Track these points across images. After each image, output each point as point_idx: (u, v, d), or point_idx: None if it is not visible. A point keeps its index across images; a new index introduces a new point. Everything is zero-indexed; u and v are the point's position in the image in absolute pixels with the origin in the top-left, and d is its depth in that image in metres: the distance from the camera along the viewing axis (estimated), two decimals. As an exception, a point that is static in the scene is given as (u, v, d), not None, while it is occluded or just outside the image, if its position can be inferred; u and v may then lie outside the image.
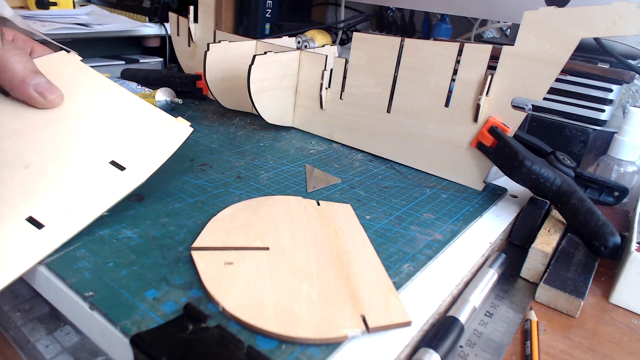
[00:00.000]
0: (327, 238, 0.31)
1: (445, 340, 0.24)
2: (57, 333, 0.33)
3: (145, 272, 0.26)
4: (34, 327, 0.33)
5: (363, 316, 0.24)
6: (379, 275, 0.28)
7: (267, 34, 0.87)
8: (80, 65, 0.39)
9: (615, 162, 0.46)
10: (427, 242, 0.33)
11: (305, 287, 0.26)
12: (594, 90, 0.51)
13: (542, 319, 0.30)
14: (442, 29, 0.86)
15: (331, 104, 0.52)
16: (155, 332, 0.21)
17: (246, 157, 0.45)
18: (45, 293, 0.27)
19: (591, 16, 0.35)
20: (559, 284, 0.31)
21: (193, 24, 0.68)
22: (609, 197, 0.43)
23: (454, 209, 0.39)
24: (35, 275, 0.27)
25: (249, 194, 0.37)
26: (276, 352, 0.22)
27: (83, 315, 0.24)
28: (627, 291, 0.32)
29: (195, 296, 0.25)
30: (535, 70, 0.38)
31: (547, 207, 0.40)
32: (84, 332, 0.25)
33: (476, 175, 0.44)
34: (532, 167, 0.37)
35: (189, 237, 0.30)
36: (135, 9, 0.82)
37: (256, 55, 0.48)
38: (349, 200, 0.38)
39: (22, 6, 0.75)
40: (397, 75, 0.46)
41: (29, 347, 0.32)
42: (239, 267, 0.26)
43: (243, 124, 0.56)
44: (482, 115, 0.42)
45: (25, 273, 0.26)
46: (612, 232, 0.33)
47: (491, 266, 0.32)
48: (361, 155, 0.50)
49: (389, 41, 0.46)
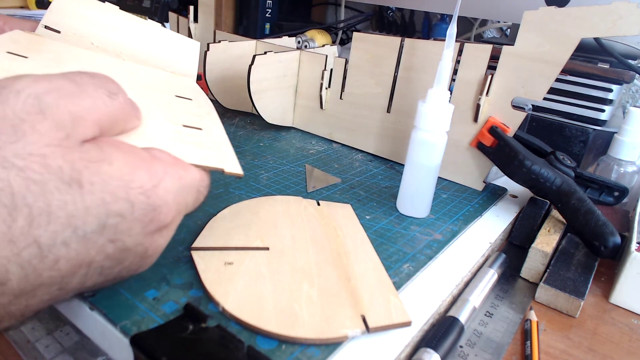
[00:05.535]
0: (327, 238, 0.31)
1: (445, 340, 0.24)
2: (57, 333, 0.33)
3: (145, 272, 0.26)
4: (34, 327, 0.33)
5: (363, 316, 0.24)
6: (379, 275, 0.28)
7: (267, 34, 0.87)
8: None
9: (615, 162, 0.46)
10: (427, 242, 0.33)
11: (305, 287, 0.26)
12: (594, 90, 0.51)
13: (542, 319, 0.30)
14: (442, 29, 0.86)
15: (331, 104, 0.52)
16: (155, 332, 0.21)
17: (246, 157, 0.45)
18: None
19: (591, 16, 0.35)
20: (559, 284, 0.31)
21: (193, 24, 0.68)
22: (609, 197, 0.42)
23: (454, 209, 0.39)
24: (35, 275, 0.27)
25: (249, 194, 0.37)
26: (276, 352, 0.22)
27: (83, 315, 0.24)
28: (627, 291, 0.32)
29: (195, 296, 0.25)
30: (535, 70, 0.38)
31: (547, 207, 0.40)
32: (84, 332, 0.25)
33: (476, 175, 0.44)
34: (532, 167, 0.37)
35: (189, 237, 0.30)
36: (135, 9, 0.82)
37: (256, 55, 0.48)
38: (349, 200, 0.38)
39: (22, 6, 0.75)
40: (397, 75, 0.46)
41: (28, 347, 0.32)
42: (239, 267, 0.26)
43: (243, 124, 0.56)
44: (482, 115, 0.42)
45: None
46: (612, 232, 0.33)
47: (491, 266, 0.32)
48: (361, 155, 0.50)
49: (389, 41, 0.46)
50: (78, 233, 0.18)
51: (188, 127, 0.28)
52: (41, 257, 0.17)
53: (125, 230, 0.19)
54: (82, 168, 0.18)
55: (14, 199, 0.16)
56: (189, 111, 0.31)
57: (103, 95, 0.21)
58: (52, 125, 0.18)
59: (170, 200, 0.21)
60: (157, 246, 0.22)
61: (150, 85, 0.33)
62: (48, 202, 0.17)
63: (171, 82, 0.35)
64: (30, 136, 0.17)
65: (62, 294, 0.19)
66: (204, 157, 0.25)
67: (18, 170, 0.17)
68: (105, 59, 0.34)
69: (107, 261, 0.20)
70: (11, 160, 0.17)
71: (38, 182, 0.17)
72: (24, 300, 0.18)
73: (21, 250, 0.17)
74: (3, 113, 0.17)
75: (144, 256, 0.22)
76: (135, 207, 0.19)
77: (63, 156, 0.18)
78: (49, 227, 0.17)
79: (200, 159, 0.25)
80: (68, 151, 0.18)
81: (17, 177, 0.17)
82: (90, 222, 0.18)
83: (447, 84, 0.35)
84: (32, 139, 0.17)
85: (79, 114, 0.19)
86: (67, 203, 0.17)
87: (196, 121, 0.29)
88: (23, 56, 0.29)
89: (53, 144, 0.18)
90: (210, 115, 0.32)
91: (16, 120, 0.17)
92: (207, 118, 0.31)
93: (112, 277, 0.21)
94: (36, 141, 0.17)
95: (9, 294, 0.17)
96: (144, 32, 0.38)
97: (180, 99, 0.33)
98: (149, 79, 0.34)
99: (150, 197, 0.20)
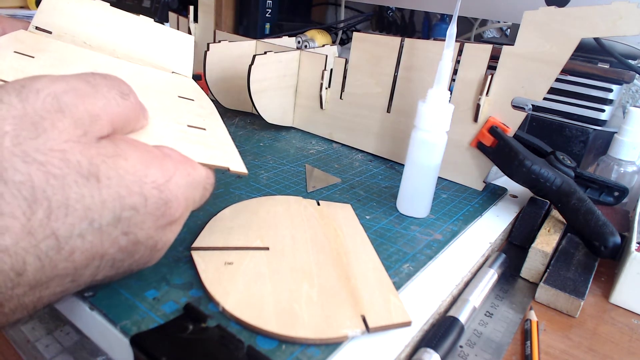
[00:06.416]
0: (327, 238, 0.31)
1: (445, 340, 0.24)
2: (57, 333, 0.33)
3: (145, 272, 0.26)
4: (33, 327, 0.33)
5: (363, 316, 0.24)
6: (379, 275, 0.28)
7: (267, 34, 0.87)
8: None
9: (615, 162, 0.46)
10: (427, 242, 0.33)
11: (305, 287, 0.26)
12: (594, 90, 0.51)
13: (542, 319, 0.30)
14: (442, 29, 0.86)
15: (331, 104, 0.52)
16: (155, 332, 0.21)
17: (246, 157, 0.45)
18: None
19: (591, 16, 0.35)
20: (559, 284, 0.31)
21: (193, 24, 0.68)
22: (609, 197, 0.42)
23: (454, 209, 0.39)
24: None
25: (249, 194, 0.37)
26: (276, 352, 0.22)
27: (83, 315, 0.24)
28: (627, 291, 0.32)
29: (195, 296, 0.25)
30: (535, 70, 0.38)
31: (547, 207, 0.40)
32: (84, 332, 0.25)
33: (476, 175, 0.44)
34: (532, 167, 0.37)
35: (189, 237, 0.30)
36: (135, 9, 0.82)
37: (256, 55, 0.48)
38: (349, 200, 0.38)
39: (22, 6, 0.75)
40: (397, 75, 0.46)
41: (28, 346, 0.32)
42: (239, 267, 0.26)
43: (243, 123, 0.56)
44: (482, 115, 0.42)
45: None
46: (612, 232, 0.33)
47: (491, 266, 0.32)
48: (361, 155, 0.50)
49: (389, 41, 0.46)
50: (94, 225, 0.18)
51: (192, 127, 0.28)
52: (58, 249, 0.18)
53: (138, 223, 0.20)
54: (100, 163, 0.19)
55: (34, 192, 0.17)
56: (192, 112, 0.31)
57: (116, 95, 0.22)
58: (71, 122, 0.19)
59: (181, 195, 0.22)
60: (166, 240, 0.23)
61: (154, 86, 0.33)
62: (66, 195, 0.18)
63: (173, 83, 0.35)
64: (50, 133, 0.18)
65: (74, 286, 0.20)
66: (210, 156, 0.26)
67: (39, 165, 0.17)
68: (108, 59, 0.34)
69: (119, 254, 0.20)
70: (32, 155, 0.17)
71: (58, 176, 0.17)
72: (38, 292, 0.18)
73: (39, 242, 0.17)
74: (24, 111, 0.18)
75: (154, 250, 0.22)
76: (149, 201, 0.20)
77: (81, 152, 0.18)
78: (66, 219, 0.18)
79: (207, 157, 0.25)
80: (86, 147, 0.19)
81: (38, 171, 0.17)
82: (105, 215, 0.19)
83: (447, 84, 0.35)
84: (52, 136, 0.18)
85: (95, 112, 0.20)
86: (84, 196, 0.18)
87: (199, 121, 0.30)
88: (30, 56, 0.29)
89: (72, 140, 0.18)
90: (213, 116, 0.32)
91: (36, 118, 0.18)
92: (210, 118, 0.32)
93: (122, 271, 0.22)
94: (56, 137, 0.18)
95: (24, 285, 0.17)
96: (137, 28, 0.37)
97: (183, 99, 0.33)
98: (152, 80, 0.34)
99: (163, 191, 0.21)
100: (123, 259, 0.21)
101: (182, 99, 0.33)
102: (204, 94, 0.36)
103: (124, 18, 0.37)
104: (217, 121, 0.32)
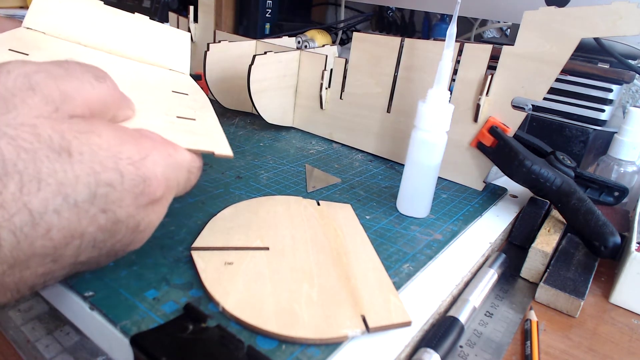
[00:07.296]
0: (327, 238, 0.31)
1: (445, 340, 0.24)
2: (57, 333, 0.33)
3: (145, 272, 0.26)
4: (33, 327, 0.33)
5: (363, 316, 0.24)
6: (379, 275, 0.28)
7: (267, 34, 0.87)
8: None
9: (615, 162, 0.46)
10: (427, 242, 0.33)
11: (305, 287, 0.26)
12: (594, 90, 0.51)
13: (542, 319, 0.30)
14: (442, 29, 0.86)
15: (331, 104, 0.52)
16: (155, 332, 0.21)
17: (246, 157, 0.45)
18: (45, 293, 0.27)
19: (591, 16, 0.35)
20: (559, 284, 0.31)
21: (193, 24, 0.68)
22: (609, 197, 0.42)
23: (454, 209, 0.39)
24: (35, 275, 0.27)
25: (249, 194, 0.37)
26: (276, 352, 0.22)
27: (83, 315, 0.24)
28: (627, 291, 0.32)
29: (195, 296, 0.25)
30: (535, 70, 0.38)
31: (547, 207, 0.40)
32: (84, 332, 0.25)
33: (476, 175, 0.44)
34: (532, 167, 0.37)
35: (189, 237, 0.30)
36: (135, 9, 0.82)
37: (256, 55, 0.48)
38: (349, 200, 0.38)
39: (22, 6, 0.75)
40: (397, 75, 0.46)
41: (28, 346, 0.32)
42: (239, 267, 0.26)
43: (243, 124, 0.56)
44: (482, 115, 0.42)
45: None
46: (612, 232, 0.33)
47: (491, 266, 0.32)
48: (361, 155, 0.50)
49: (389, 41, 0.46)
50: (69, 201, 0.18)
51: (182, 117, 0.28)
52: (33, 225, 0.17)
53: (115, 200, 0.20)
54: (72, 138, 0.19)
55: (5, 165, 0.17)
56: (184, 104, 0.31)
57: (90, 78, 0.21)
58: (42, 99, 0.19)
59: (160, 174, 0.21)
60: (149, 221, 0.22)
61: (148, 82, 0.33)
62: (38, 169, 0.18)
63: (169, 79, 0.35)
64: (21, 109, 0.18)
65: (58, 268, 0.20)
66: (195, 141, 0.25)
67: (9, 139, 0.17)
68: (104, 56, 0.34)
69: (99, 233, 0.20)
70: (3, 130, 0.17)
71: (29, 150, 0.18)
72: (18, 272, 0.18)
73: (12, 215, 0.17)
74: None
75: (136, 230, 0.22)
76: (125, 178, 0.20)
77: (52, 127, 0.19)
78: (39, 193, 0.17)
79: (191, 143, 0.25)
80: (57, 122, 0.19)
81: (8, 145, 0.17)
82: (80, 191, 0.19)
83: (447, 84, 0.35)
84: (23, 111, 0.18)
85: (67, 92, 0.20)
86: (56, 171, 0.18)
87: (190, 113, 0.30)
88: (24, 53, 0.29)
89: (43, 115, 0.19)
90: (204, 108, 0.32)
91: (7, 95, 0.18)
92: (202, 110, 0.31)
93: (105, 252, 0.21)
94: (27, 113, 0.18)
95: (1, 262, 0.17)
96: (132, 26, 0.37)
97: (177, 94, 0.32)
98: (147, 76, 0.34)
99: (140, 168, 0.21)
100: (104, 239, 0.20)
101: (176, 94, 0.32)
102: (199, 88, 0.36)
103: (119, 16, 0.37)
104: (209, 112, 0.32)
